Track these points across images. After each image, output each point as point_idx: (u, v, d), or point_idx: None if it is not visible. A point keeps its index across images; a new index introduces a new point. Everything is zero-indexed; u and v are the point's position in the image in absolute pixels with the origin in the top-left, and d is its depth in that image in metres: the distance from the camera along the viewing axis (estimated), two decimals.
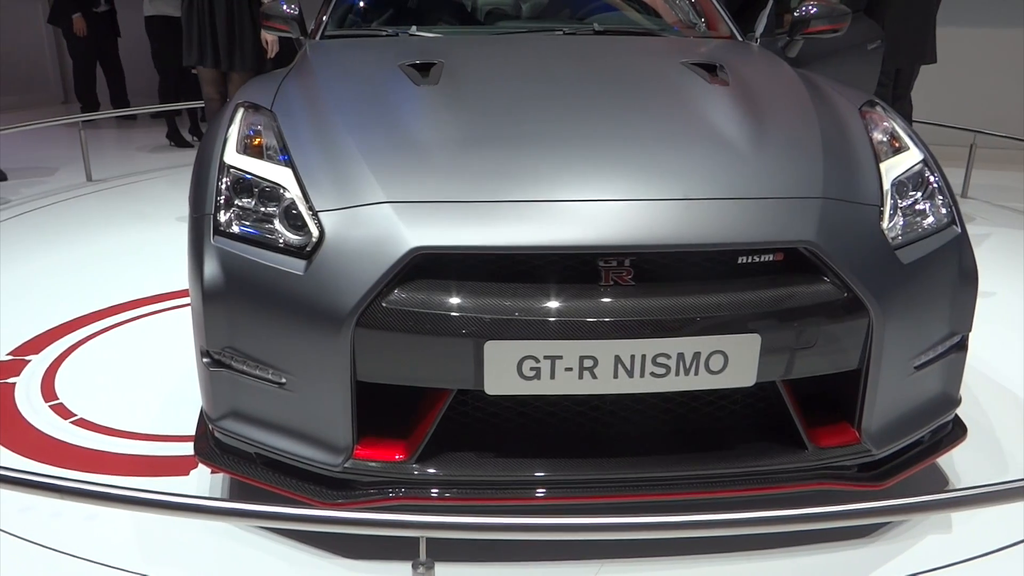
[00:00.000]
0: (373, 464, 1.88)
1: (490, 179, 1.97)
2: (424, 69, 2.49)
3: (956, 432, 2.24)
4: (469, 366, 1.79)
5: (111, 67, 8.02)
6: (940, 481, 2.36)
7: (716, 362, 1.82)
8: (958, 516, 2.20)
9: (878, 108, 2.46)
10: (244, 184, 2.05)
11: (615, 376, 1.80)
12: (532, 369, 1.79)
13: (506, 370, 1.78)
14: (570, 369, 1.79)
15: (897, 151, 2.26)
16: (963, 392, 2.56)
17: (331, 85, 2.45)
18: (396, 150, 2.06)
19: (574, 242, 1.82)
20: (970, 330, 2.14)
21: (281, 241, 1.93)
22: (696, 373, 1.82)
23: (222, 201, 2.05)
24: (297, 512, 1.74)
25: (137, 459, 2.40)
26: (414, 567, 1.67)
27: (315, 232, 1.90)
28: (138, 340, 3.20)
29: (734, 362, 1.82)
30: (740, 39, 3.36)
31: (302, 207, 1.95)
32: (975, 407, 2.78)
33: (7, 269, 3.95)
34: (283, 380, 1.90)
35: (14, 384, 2.83)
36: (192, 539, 2.05)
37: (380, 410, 1.94)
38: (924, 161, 2.24)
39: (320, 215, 1.92)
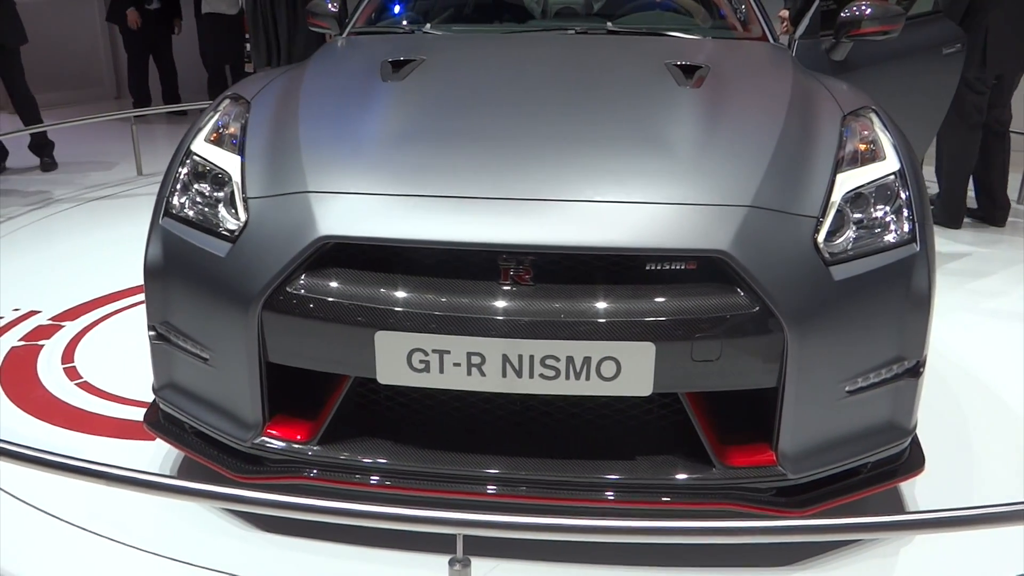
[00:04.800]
0: (277, 443, 1.96)
1: (411, 173, 2.00)
2: (400, 66, 2.54)
3: (911, 463, 2.09)
4: (362, 355, 1.83)
5: (164, 63, 8.36)
6: (895, 506, 2.22)
7: (608, 368, 1.78)
8: (907, 548, 2.08)
9: (870, 116, 2.31)
10: (201, 171, 2.18)
11: (503, 375, 1.80)
12: (421, 362, 1.81)
13: (396, 361, 1.82)
14: (458, 365, 1.80)
15: (870, 161, 2.12)
16: (971, 415, 2.42)
17: (312, 80, 2.54)
18: (334, 142, 2.13)
19: (472, 239, 1.83)
20: (922, 355, 1.99)
21: (221, 225, 2.04)
22: (588, 378, 1.79)
23: (178, 186, 2.18)
24: (318, 504, 1.72)
25: (117, 422, 2.58)
26: (451, 564, 1.67)
27: (243, 217, 2.00)
28: None
29: (628, 370, 1.78)
30: (772, 40, 3.23)
31: (237, 193, 2.05)
32: (974, 432, 2.62)
33: (63, 245, 4.31)
34: (207, 356, 2.01)
35: (42, 346, 3.10)
36: (141, 505, 2.17)
37: (296, 392, 2.01)
38: (898, 173, 2.09)
39: (249, 201, 2.01)
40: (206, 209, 2.09)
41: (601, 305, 1.79)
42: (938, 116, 4.27)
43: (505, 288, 1.83)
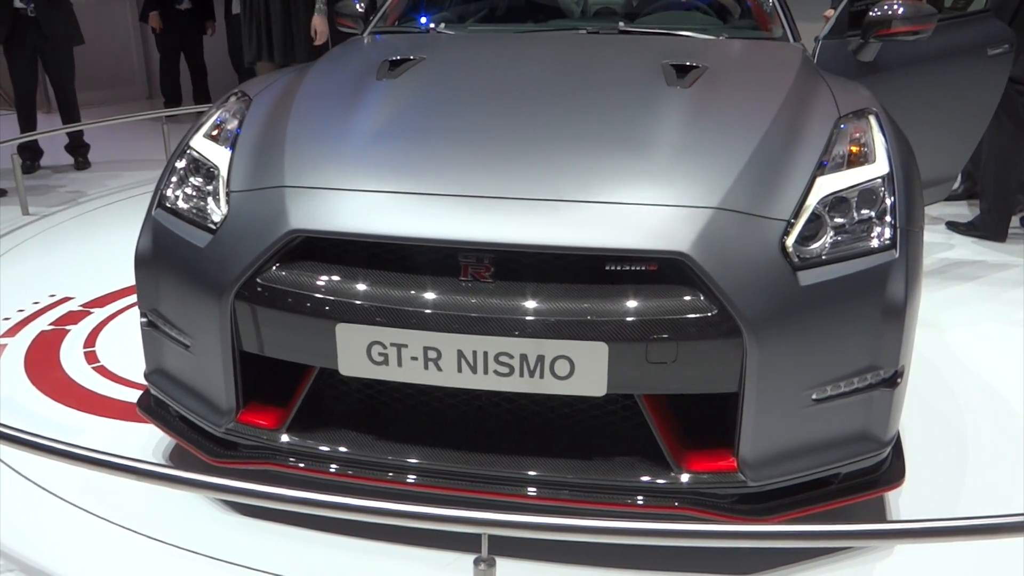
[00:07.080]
0: (248, 429, 2.02)
1: (382, 170, 2.04)
2: (398, 64, 2.59)
3: (890, 475, 2.03)
4: (325, 346, 1.87)
5: (195, 63, 8.46)
6: (878, 514, 2.17)
7: (562, 367, 1.78)
8: (885, 561, 2.02)
9: (868, 118, 2.25)
10: (195, 165, 2.26)
11: (459, 370, 1.82)
12: (380, 355, 1.84)
13: (356, 353, 1.85)
14: (416, 359, 1.83)
15: (858, 164, 2.07)
16: (983, 427, 2.31)
17: (312, 78, 2.60)
18: (318, 138, 2.18)
19: (432, 235, 1.85)
20: (899, 365, 1.93)
21: (207, 218, 2.11)
22: (542, 376, 1.80)
23: (173, 178, 2.27)
24: (345, 502, 1.70)
25: (123, 405, 2.68)
26: (476, 563, 1.67)
27: (224, 210, 2.07)
28: None
29: (581, 369, 1.78)
30: (792, 40, 3.17)
31: (221, 187, 2.12)
32: (983, 443, 2.54)
33: (97, 239, 4.48)
34: (188, 343, 2.09)
35: (68, 331, 3.26)
36: (133, 486, 2.23)
37: (271, 380, 2.07)
38: (886, 177, 2.04)
39: (231, 195, 2.08)
40: (198, 202, 2.17)
41: (555, 304, 1.79)
42: (982, 121, 4.10)
43: (464, 284, 1.85)
